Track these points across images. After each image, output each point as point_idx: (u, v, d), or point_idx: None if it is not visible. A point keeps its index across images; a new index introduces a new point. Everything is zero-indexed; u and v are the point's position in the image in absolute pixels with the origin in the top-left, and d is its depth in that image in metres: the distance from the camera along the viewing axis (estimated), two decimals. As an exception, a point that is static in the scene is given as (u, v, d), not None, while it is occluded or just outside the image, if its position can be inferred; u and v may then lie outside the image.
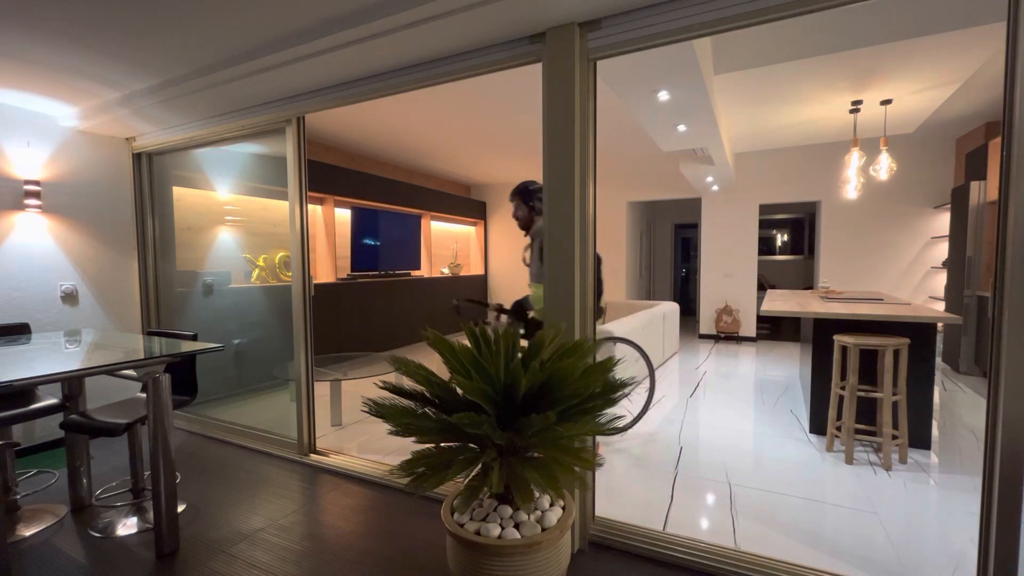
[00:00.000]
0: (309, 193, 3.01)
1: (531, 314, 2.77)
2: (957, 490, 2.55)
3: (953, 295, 5.15)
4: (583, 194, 1.99)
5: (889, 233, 6.28)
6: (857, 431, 3.07)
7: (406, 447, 3.16)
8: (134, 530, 2.22)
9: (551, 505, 1.64)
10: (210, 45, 2.32)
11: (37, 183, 3.17)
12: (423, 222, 7.39)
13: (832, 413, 3.04)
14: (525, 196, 2.73)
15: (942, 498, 2.47)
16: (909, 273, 6.23)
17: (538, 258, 2.64)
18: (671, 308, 6.05)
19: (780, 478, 2.70)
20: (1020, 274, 1.41)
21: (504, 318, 2.96)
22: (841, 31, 3.16)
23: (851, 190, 4.82)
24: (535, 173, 8.27)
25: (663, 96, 3.34)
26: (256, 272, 4.53)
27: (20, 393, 2.41)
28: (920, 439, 3.04)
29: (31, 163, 3.18)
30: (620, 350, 3.37)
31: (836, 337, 3.04)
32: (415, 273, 7.24)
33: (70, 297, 3.39)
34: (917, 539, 2.11)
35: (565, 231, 1.99)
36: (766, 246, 8.94)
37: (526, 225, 2.77)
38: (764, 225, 8.57)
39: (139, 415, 2.21)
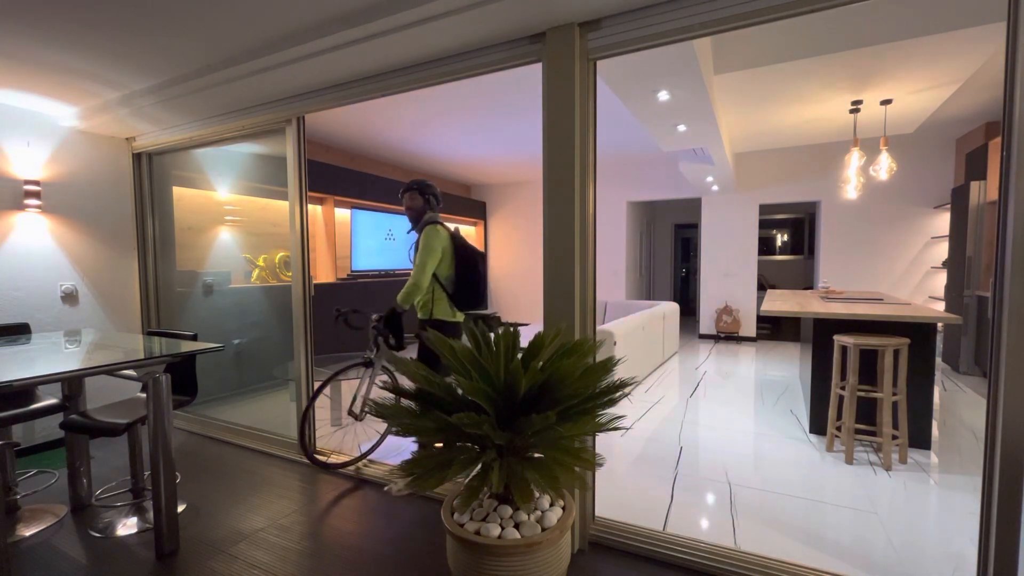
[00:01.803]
0: (309, 193, 3.01)
1: (419, 316, 2.63)
2: (957, 490, 2.55)
3: (953, 295, 5.15)
4: (583, 194, 1.99)
5: (889, 233, 6.28)
6: (857, 431, 3.07)
7: (406, 447, 3.16)
8: (134, 530, 2.22)
9: (551, 505, 1.64)
10: (210, 45, 2.32)
11: (37, 183, 3.17)
12: (423, 222, 7.38)
13: (832, 413, 3.04)
14: (423, 188, 2.64)
15: (942, 498, 2.47)
16: (909, 273, 6.22)
17: (415, 251, 2.56)
18: (671, 308, 6.05)
19: (780, 478, 2.70)
20: (1020, 274, 1.41)
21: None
22: (841, 31, 3.16)
23: (851, 190, 4.82)
24: (535, 173, 8.26)
25: (663, 96, 3.34)
26: (256, 272, 4.53)
27: (20, 393, 2.41)
28: (920, 439, 3.04)
29: (31, 163, 3.18)
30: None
31: (836, 337, 3.04)
32: (415, 273, 7.23)
33: (70, 297, 3.39)
34: (917, 539, 2.11)
35: (565, 231, 1.99)
36: (766, 246, 8.94)
37: (418, 216, 2.64)
38: (764, 225, 8.57)
39: (139, 415, 2.21)
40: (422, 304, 2.55)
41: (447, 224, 2.63)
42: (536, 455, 1.54)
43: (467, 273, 2.53)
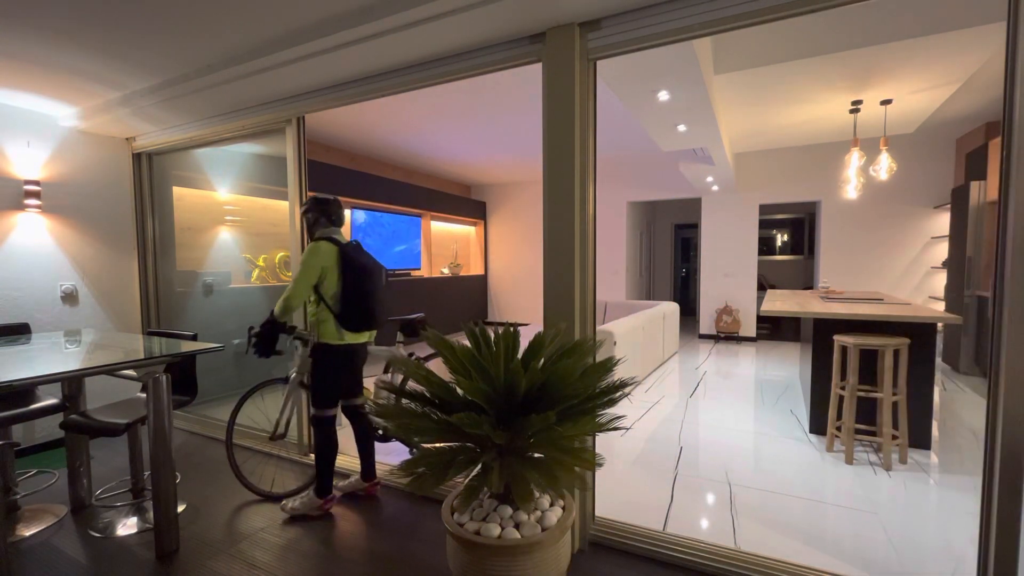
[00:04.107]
0: (309, 193, 3.01)
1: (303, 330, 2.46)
2: (957, 490, 2.55)
3: (953, 295, 5.15)
4: (583, 194, 1.99)
5: (889, 233, 6.28)
6: (857, 431, 3.07)
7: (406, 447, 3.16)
8: (134, 530, 2.22)
9: (551, 505, 1.64)
10: (210, 45, 2.32)
11: (37, 183, 3.17)
12: (423, 222, 7.40)
13: (832, 413, 3.04)
14: (305, 210, 2.44)
15: (942, 498, 2.47)
16: (909, 273, 6.22)
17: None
18: (671, 308, 6.05)
19: (780, 478, 2.70)
20: (1020, 274, 1.41)
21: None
22: (841, 31, 3.16)
23: (851, 190, 4.82)
24: (535, 173, 8.25)
25: (663, 96, 3.34)
26: (256, 272, 4.53)
27: (20, 393, 2.41)
28: (920, 439, 3.04)
29: (31, 163, 3.18)
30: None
31: (836, 337, 3.04)
32: (415, 273, 7.24)
33: (70, 297, 3.39)
34: (917, 539, 2.11)
35: (565, 231, 1.99)
36: (766, 246, 8.93)
37: (310, 237, 2.46)
38: (764, 225, 8.57)
39: (139, 415, 2.21)
40: (312, 325, 2.38)
41: (338, 238, 2.38)
42: (536, 455, 1.54)
43: (354, 291, 2.29)
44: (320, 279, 2.29)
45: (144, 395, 2.20)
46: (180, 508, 2.40)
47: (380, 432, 2.70)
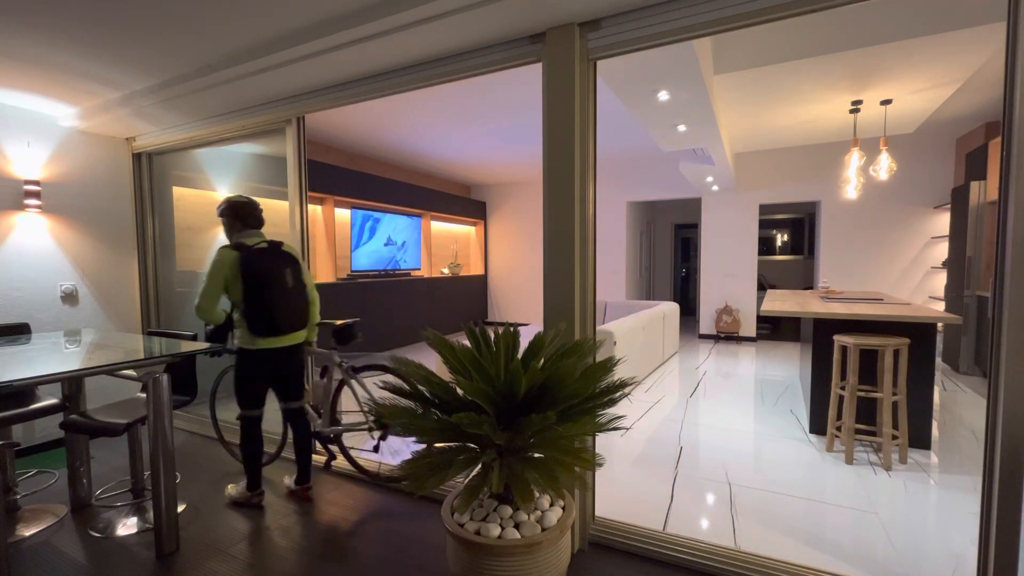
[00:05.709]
0: (309, 193, 3.01)
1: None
2: (957, 490, 2.55)
3: (953, 295, 5.15)
4: (583, 194, 1.99)
5: (889, 233, 6.28)
6: (857, 431, 3.07)
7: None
8: (134, 530, 2.22)
9: (551, 505, 1.64)
10: (210, 45, 2.32)
11: (37, 183, 3.17)
12: (423, 222, 7.40)
13: (832, 413, 3.04)
14: (220, 214, 2.43)
15: (942, 498, 2.47)
16: (909, 273, 6.22)
17: None
18: (671, 308, 6.05)
19: (780, 478, 2.70)
20: (1020, 274, 1.41)
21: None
22: (841, 31, 3.16)
23: (851, 190, 4.82)
24: (535, 173, 8.24)
25: (663, 96, 3.34)
26: (256, 272, 4.53)
27: (20, 393, 2.41)
28: (920, 439, 3.04)
29: (31, 163, 3.18)
30: None
31: (836, 337, 3.04)
32: (415, 273, 7.24)
33: (70, 297, 3.39)
34: (917, 539, 2.11)
35: (565, 231, 1.99)
36: (766, 246, 8.93)
37: (229, 240, 2.42)
38: (764, 225, 8.57)
39: (139, 415, 2.21)
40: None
41: (247, 242, 2.34)
42: (536, 455, 1.54)
43: (253, 299, 2.24)
44: (227, 288, 2.28)
45: (144, 395, 2.20)
46: (180, 508, 2.40)
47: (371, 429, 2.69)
